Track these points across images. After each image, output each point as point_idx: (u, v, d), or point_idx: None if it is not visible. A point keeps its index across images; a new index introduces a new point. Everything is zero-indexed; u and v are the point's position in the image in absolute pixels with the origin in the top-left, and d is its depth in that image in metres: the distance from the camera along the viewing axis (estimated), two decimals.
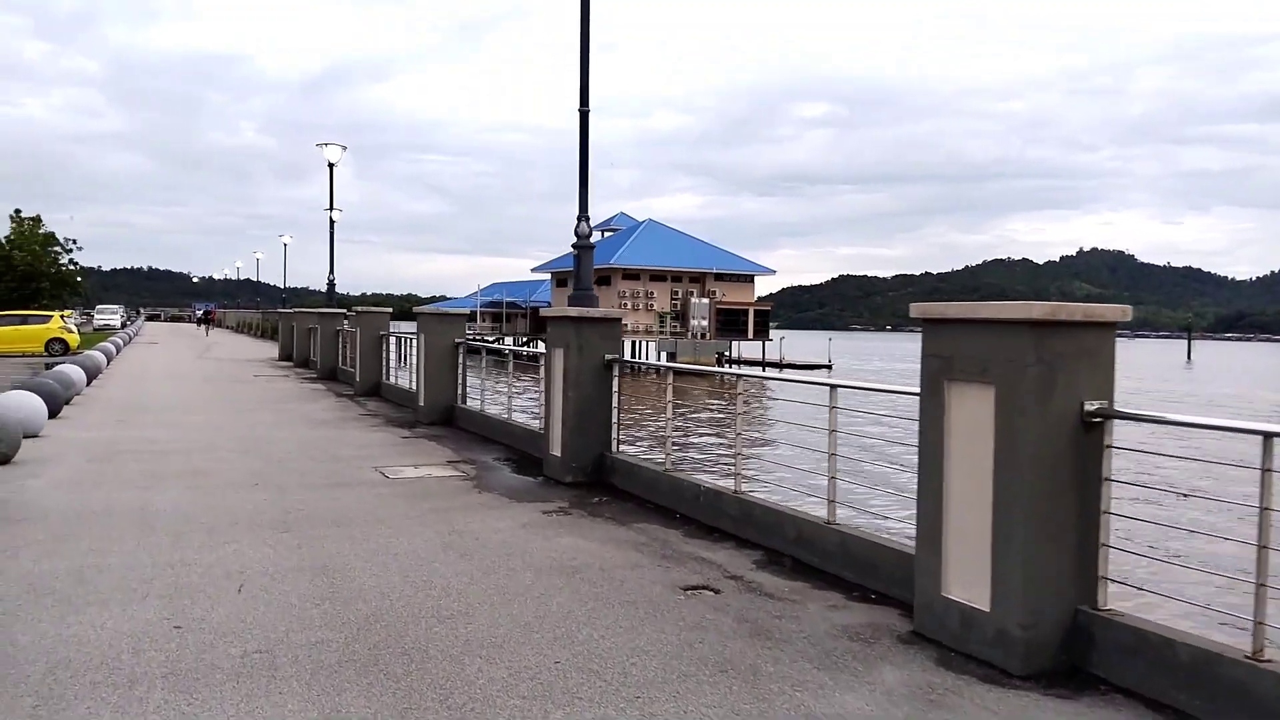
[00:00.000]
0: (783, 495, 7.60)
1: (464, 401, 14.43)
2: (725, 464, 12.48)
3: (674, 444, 11.86)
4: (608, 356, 9.33)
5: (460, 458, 11.03)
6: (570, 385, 9.23)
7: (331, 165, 24.66)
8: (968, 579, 4.70)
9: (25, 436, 11.31)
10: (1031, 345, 4.37)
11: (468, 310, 15.78)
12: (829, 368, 68.62)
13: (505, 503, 8.40)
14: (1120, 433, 4.59)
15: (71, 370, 16.79)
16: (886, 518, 7.44)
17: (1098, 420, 4.50)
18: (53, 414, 13.47)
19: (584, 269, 9.86)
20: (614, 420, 9.35)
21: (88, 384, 19.14)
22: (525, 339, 74.76)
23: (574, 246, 9.96)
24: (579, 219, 9.85)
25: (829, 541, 6.17)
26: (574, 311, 9.26)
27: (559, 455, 9.42)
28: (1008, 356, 4.48)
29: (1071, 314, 4.46)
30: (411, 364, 19.81)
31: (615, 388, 9.32)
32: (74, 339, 34.70)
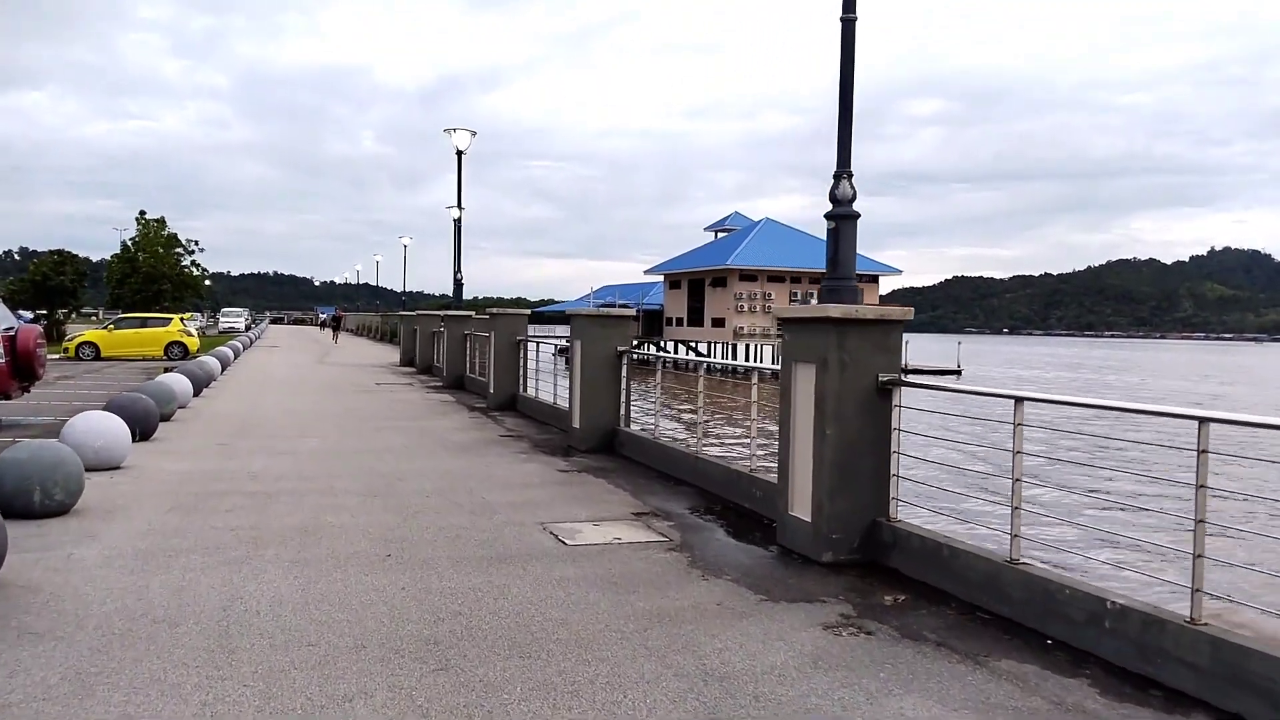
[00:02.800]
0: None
1: (628, 424, 11.68)
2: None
3: (936, 495, 8.92)
4: (884, 377, 6.39)
5: (646, 507, 8.25)
6: (828, 418, 6.32)
7: (460, 152, 22.43)
8: None
9: (102, 470, 9.09)
10: None
11: (634, 309, 12.81)
12: (958, 373, 64.05)
13: (752, 601, 5.53)
14: None
15: (175, 381, 14.77)
16: None
17: None
18: (144, 436, 11.31)
19: (844, 248, 6.88)
20: (893, 472, 6.39)
21: (198, 394, 17.24)
22: (635, 341, 72.26)
23: (830, 216, 6.97)
24: (838, 176, 6.87)
25: None
26: (835, 310, 6.32)
27: (808, 520, 6.51)
28: None
29: None
30: (532, 369, 17.27)
31: (895, 423, 6.36)
32: (193, 342, 33.71)
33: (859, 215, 6.95)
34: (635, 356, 12.11)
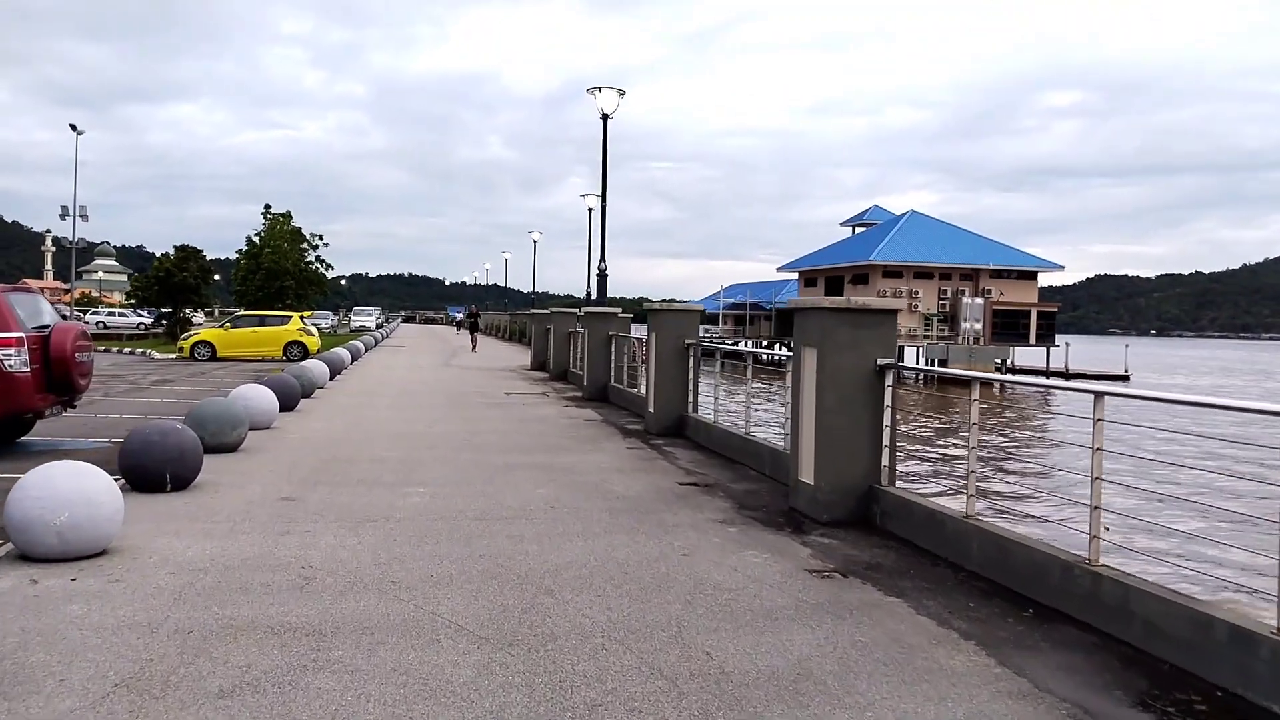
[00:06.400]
0: None
1: (893, 480, 7.46)
2: None
3: None
4: None
5: (1053, 699, 4.05)
6: None
7: (606, 116, 18.59)
8: None
9: (68, 561, 5.50)
10: None
11: (893, 306, 8.17)
12: (1126, 379, 56.99)
13: None
14: None
15: (250, 398, 11.39)
16: None
17: None
18: (177, 484, 7.79)
19: None
20: None
21: (292, 408, 13.95)
22: (766, 343, 67.92)
23: None
24: None
25: None
26: None
27: None
28: None
29: None
30: (705, 382, 13.15)
31: None
32: (313, 342, 31.17)
33: None
34: (906, 374, 7.89)
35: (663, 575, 5.79)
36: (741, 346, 18.82)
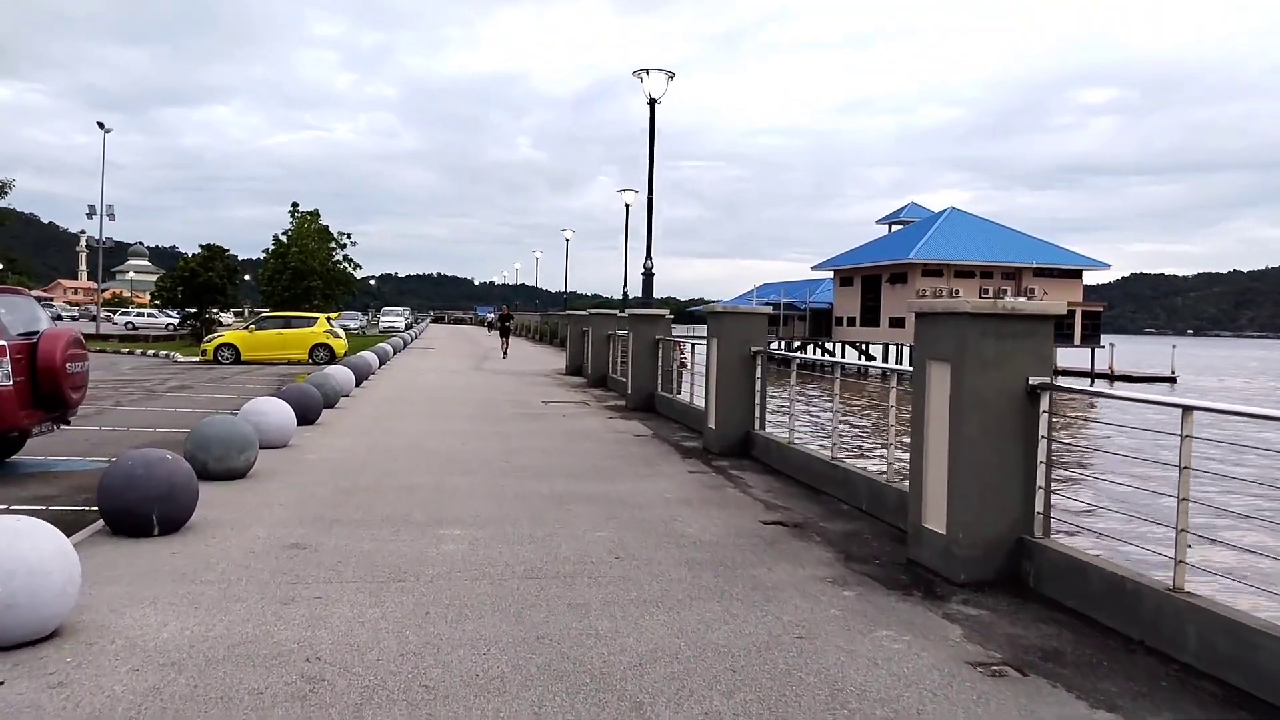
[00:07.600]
0: None
1: (1046, 531, 5.95)
2: None
3: None
4: None
5: None
6: None
7: (654, 101, 17.15)
8: None
9: (15, 649, 4.12)
10: None
11: (1051, 311, 6.63)
12: (1173, 380, 54.80)
13: None
14: None
15: (265, 414, 10.08)
16: None
17: None
18: (166, 528, 6.45)
19: None
20: None
21: (314, 421, 12.67)
22: (799, 343, 66.22)
23: None
24: None
25: None
26: None
27: None
28: None
29: None
30: (774, 397, 11.62)
31: None
32: (340, 344, 30.04)
33: None
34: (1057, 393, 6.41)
35: (782, 674, 4.34)
36: (790, 352, 17.27)
